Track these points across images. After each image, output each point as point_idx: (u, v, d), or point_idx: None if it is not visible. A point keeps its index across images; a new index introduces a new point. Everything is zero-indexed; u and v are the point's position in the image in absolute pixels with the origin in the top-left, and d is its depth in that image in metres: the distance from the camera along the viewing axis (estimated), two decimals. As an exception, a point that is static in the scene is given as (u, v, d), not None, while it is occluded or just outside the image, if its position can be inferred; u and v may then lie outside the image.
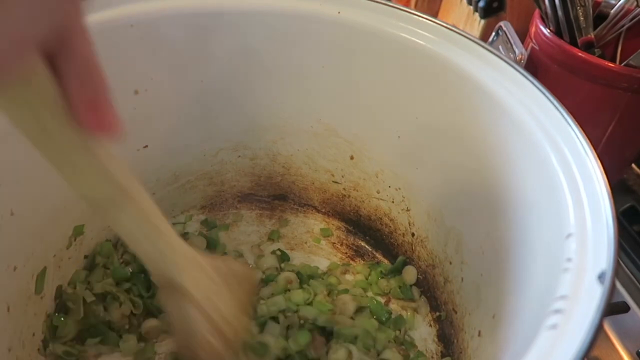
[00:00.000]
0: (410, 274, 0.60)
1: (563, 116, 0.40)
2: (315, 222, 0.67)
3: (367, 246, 0.65)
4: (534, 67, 0.61)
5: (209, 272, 0.40)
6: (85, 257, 0.57)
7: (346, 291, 0.57)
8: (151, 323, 0.53)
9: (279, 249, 0.62)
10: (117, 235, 0.60)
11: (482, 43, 0.48)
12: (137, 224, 0.34)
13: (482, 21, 0.73)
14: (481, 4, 0.68)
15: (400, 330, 0.56)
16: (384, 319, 0.55)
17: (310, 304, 0.55)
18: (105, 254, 0.58)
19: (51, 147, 0.27)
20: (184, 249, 0.37)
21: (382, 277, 0.60)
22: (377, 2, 0.51)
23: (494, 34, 0.66)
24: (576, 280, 0.31)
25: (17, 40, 0.19)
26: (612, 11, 0.62)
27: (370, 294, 0.58)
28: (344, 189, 0.65)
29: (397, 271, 0.61)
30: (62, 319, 0.51)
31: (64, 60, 0.23)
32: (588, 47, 0.59)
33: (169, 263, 0.36)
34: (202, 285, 0.38)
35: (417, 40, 0.49)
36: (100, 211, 0.33)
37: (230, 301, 0.41)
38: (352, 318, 0.54)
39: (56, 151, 0.28)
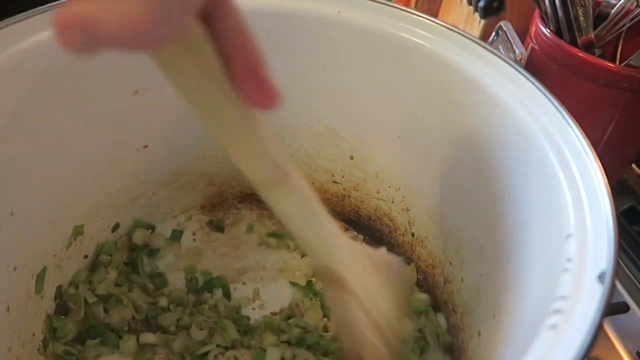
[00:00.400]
0: (410, 274, 0.60)
1: (563, 116, 0.40)
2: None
3: (367, 246, 0.65)
4: (534, 67, 0.61)
5: (370, 268, 0.38)
6: (85, 257, 0.57)
7: None
8: (148, 339, 0.52)
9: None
10: (117, 236, 0.60)
11: (482, 43, 0.47)
12: (299, 209, 0.33)
13: (482, 21, 0.73)
14: (481, 4, 0.68)
15: None
16: None
17: None
18: (108, 253, 0.58)
19: (214, 115, 0.26)
20: (345, 240, 0.36)
21: None
22: (377, 2, 0.51)
23: (494, 34, 0.66)
24: (576, 281, 0.31)
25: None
26: (612, 11, 0.62)
27: None
28: (343, 189, 0.65)
29: None
30: (62, 320, 0.51)
31: (220, 24, 0.23)
32: (588, 47, 0.59)
33: (332, 254, 0.35)
34: (364, 281, 0.37)
35: (417, 40, 0.49)
36: (262, 191, 0.31)
37: (391, 301, 0.39)
38: None
39: (219, 121, 0.27)
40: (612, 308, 0.57)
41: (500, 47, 0.63)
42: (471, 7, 0.73)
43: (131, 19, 0.18)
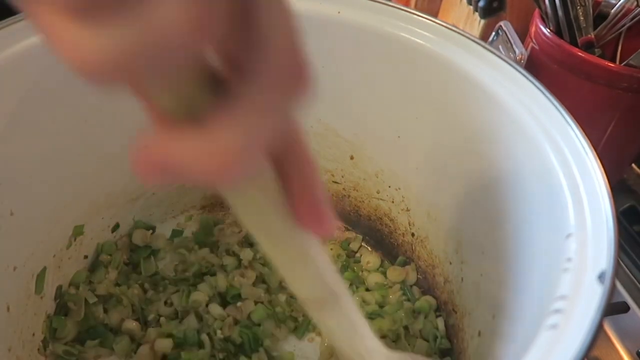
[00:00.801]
0: (410, 274, 0.60)
1: (563, 116, 0.40)
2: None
3: (367, 246, 0.65)
4: (534, 67, 0.61)
5: None
6: (85, 257, 0.57)
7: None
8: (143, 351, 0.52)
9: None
10: (117, 236, 0.60)
11: (482, 43, 0.47)
12: (341, 324, 0.34)
13: (482, 21, 0.72)
14: (481, 3, 0.68)
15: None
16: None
17: None
18: (108, 253, 0.58)
19: (270, 238, 0.28)
20: (384, 352, 0.36)
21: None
22: (377, 2, 0.51)
23: (494, 33, 0.66)
24: (576, 280, 0.31)
25: (258, 144, 0.20)
26: (612, 11, 0.62)
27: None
28: (343, 189, 0.65)
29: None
30: (62, 320, 0.51)
31: (288, 164, 0.25)
32: (588, 47, 0.59)
33: None
34: None
35: (417, 40, 0.49)
36: (309, 310, 0.33)
37: None
38: None
39: (278, 247, 0.28)
40: (612, 308, 0.57)
41: (500, 47, 0.63)
42: (471, 7, 0.73)
43: (215, 165, 0.18)
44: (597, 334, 0.28)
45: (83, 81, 0.16)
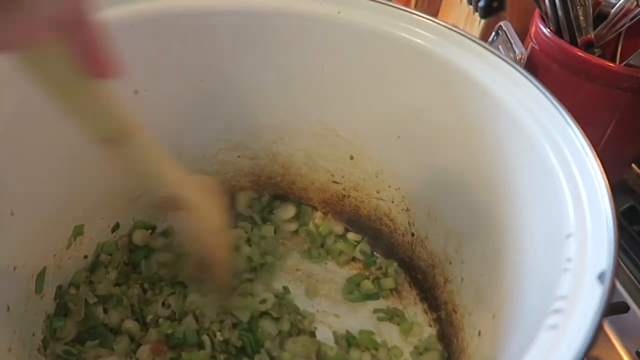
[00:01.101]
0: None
1: (563, 116, 0.40)
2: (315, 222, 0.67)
3: (366, 246, 0.65)
4: (534, 67, 0.61)
5: (203, 190, 0.48)
6: (85, 257, 0.57)
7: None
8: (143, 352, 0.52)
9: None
10: (117, 236, 0.60)
11: (482, 43, 0.47)
12: (143, 152, 0.41)
13: (482, 21, 0.72)
14: (481, 3, 0.68)
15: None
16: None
17: None
18: (108, 253, 0.58)
19: (66, 93, 0.34)
20: (180, 171, 0.45)
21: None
22: (377, 2, 0.51)
23: (494, 33, 0.66)
24: (576, 280, 0.31)
25: (40, 19, 0.27)
26: (612, 11, 0.62)
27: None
28: (343, 189, 0.65)
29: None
30: (62, 320, 0.51)
31: (76, 31, 0.31)
32: (588, 46, 0.59)
33: (176, 185, 0.44)
34: (200, 200, 0.47)
35: (417, 40, 0.49)
36: (110, 146, 0.39)
37: (218, 211, 0.49)
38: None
39: (69, 96, 0.35)
40: (612, 308, 0.57)
41: (500, 47, 0.63)
42: (471, 7, 0.73)
43: (14, 36, 0.27)
44: (597, 334, 0.28)
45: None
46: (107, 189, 0.56)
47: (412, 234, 0.60)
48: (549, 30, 0.60)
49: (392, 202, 0.61)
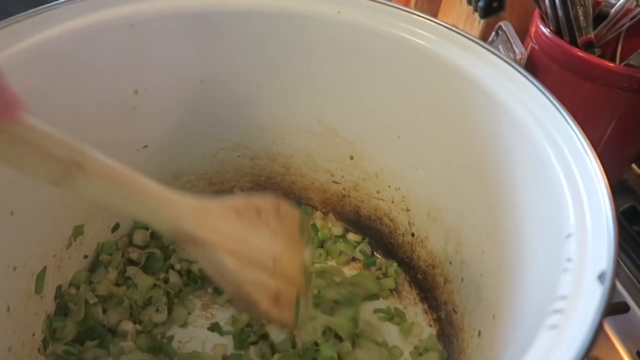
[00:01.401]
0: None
1: (563, 116, 0.40)
2: (315, 222, 0.67)
3: (367, 246, 0.65)
4: (534, 67, 0.61)
5: (230, 216, 0.38)
6: (85, 257, 0.57)
7: None
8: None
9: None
10: (117, 236, 0.60)
11: (482, 43, 0.47)
12: (106, 189, 0.32)
13: (482, 21, 0.72)
14: (481, 3, 0.68)
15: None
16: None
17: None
18: (108, 253, 0.58)
19: None
20: (186, 201, 0.36)
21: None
22: (377, 2, 0.51)
23: (494, 33, 0.66)
24: (576, 280, 0.31)
25: None
26: (612, 11, 0.62)
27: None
28: (343, 189, 0.65)
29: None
30: (62, 320, 0.51)
31: None
32: (588, 46, 0.59)
33: (174, 218, 0.35)
34: (223, 229, 0.37)
35: (417, 40, 0.49)
36: (64, 187, 0.31)
37: (271, 238, 0.39)
38: None
39: None
40: (612, 308, 0.57)
41: (500, 47, 0.63)
42: (471, 7, 0.73)
43: None
44: (597, 334, 0.28)
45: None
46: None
47: (412, 234, 0.60)
48: (549, 30, 0.60)
49: (392, 202, 0.61)
